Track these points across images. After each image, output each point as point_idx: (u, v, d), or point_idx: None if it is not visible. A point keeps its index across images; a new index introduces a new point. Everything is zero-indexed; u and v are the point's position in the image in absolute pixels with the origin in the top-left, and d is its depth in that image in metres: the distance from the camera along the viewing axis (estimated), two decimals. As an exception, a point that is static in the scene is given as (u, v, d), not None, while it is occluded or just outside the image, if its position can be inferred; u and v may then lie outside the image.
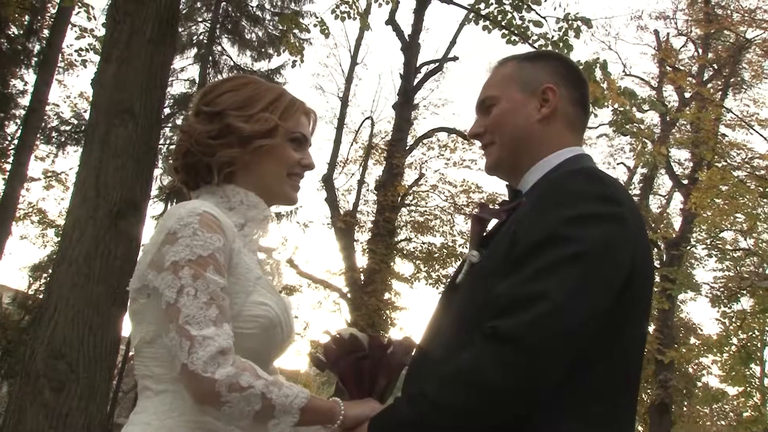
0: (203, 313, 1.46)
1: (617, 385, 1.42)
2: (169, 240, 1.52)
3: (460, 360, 1.34)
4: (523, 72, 1.70)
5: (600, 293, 1.34)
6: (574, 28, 7.82)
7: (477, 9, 8.11)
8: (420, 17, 17.64)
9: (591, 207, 1.39)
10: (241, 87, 1.78)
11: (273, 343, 1.66)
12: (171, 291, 1.48)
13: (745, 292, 14.20)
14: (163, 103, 5.62)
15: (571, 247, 1.33)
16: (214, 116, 1.73)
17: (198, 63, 20.28)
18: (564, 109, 1.66)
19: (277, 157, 1.75)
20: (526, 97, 1.66)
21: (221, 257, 1.54)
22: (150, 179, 5.26)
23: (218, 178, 1.72)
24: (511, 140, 1.66)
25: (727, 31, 17.31)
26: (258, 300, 1.61)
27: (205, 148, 1.70)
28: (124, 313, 4.80)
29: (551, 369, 1.30)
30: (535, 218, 1.41)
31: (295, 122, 1.79)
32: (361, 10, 9.19)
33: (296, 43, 9.89)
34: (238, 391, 1.42)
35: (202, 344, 1.43)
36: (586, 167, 1.55)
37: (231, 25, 20.53)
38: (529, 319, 1.28)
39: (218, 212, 1.61)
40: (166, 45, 5.19)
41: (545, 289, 1.30)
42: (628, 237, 1.41)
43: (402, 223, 18.59)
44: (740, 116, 15.46)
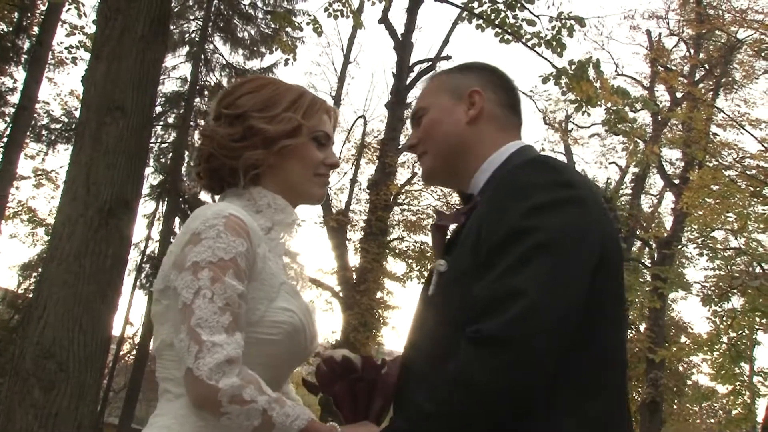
0: (216, 319, 1.44)
1: (606, 376, 1.40)
2: (193, 240, 1.50)
3: (448, 368, 1.32)
4: (451, 81, 1.74)
5: (575, 279, 1.32)
6: (567, 27, 7.83)
7: (470, 7, 8.11)
8: (413, 16, 17.63)
9: (548, 195, 1.37)
10: (261, 88, 1.76)
11: (295, 350, 1.63)
12: (188, 292, 1.46)
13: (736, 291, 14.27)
14: (154, 101, 5.58)
15: (535, 237, 1.32)
16: (236, 119, 1.71)
17: (190, 61, 20.24)
18: (492, 111, 1.68)
19: (301, 157, 1.73)
20: (454, 103, 1.69)
21: (243, 262, 1.51)
22: (141, 177, 5.23)
23: (244, 180, 1.69)
24: (442, 146, 1.68)
25: (718, 31, 17.37)
26: (282, 306, 1.58)
27: (229, 151, 1.68)
28: (115, 312, 4.78)
29: (541, 364, 1.28)
30: (495, 216, 1.40)
31: (318, 121, 1.77)
32: (354, 9, 9.17)
33: (289, 41, 9.88)
34: (239, 404, 1.40)
35: (210, 350, 1.40)
36: (536, 157, 1.55)
37: (223, 24, 20.48)
38: (509, 317, 1.26)
39: (245, 215, 1.59)
40: (157, 42, 5.15)
41: (520, 285, 1.28)
42: (591, 219, 1.40)
43: (394, 222, 18.61)
44: (731, 116, 15.54)
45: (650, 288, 17.34)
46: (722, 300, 14.99)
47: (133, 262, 18.55)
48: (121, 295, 4.88)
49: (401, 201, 18.82)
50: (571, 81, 7.98)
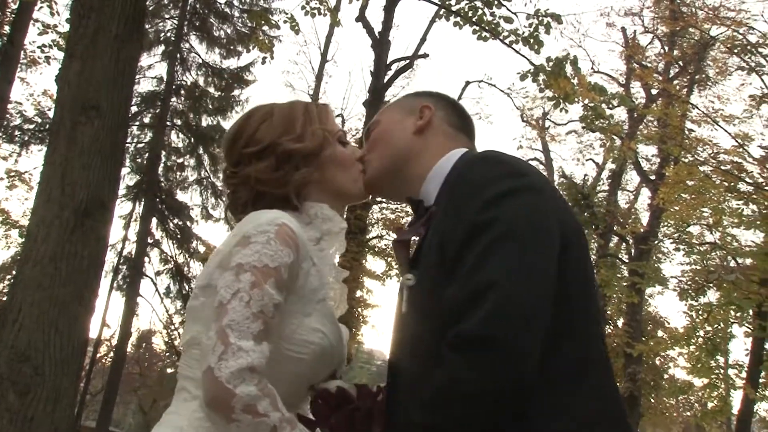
0: (248, 324, 1.42)
1: (588, 368, 1.37)
2: (242, 243, 1.50)
3: (435, 379, 1.29)
4: (406, 100, 1.80)
5: (542, 263, 1.31)
6: (544, 24, 7.86)
7: (448, 5, 8.11)
8: (390, 14, 17.61)
9: (501, 186, 1.36)
10: (270, 114, 1.77)
11: (320, 372, 1.61)
12: (227, 291, 1.45)
13: (712, 285, 14.44)
14: (130, 100, 5.51)
15: (496, 228, 1.30)
16: (264, 151, 1.71)
17: (166, 60, 20.10)
18: (440, 126, 1.71)
19: (340, 161, 1.75)
20: (404, 116, 1.73)
21: (286, 273, 1.50)
22: (118, 178, 5.16)
23: (298, 202, 1.70)
24: (387, 153, 1.71)
25: (692, 28, 17.55)
26: (314, 326, 1.57)
27: (275, 183, 1.68)
28: (92, 314, 4.72)
29: (527, 355, 1.24)
30: (453, 217, 1.39)
31: (333, 124, 1.80)
32: (331, 7, 9.14)
33: (266, 40, 9.81)
34: (251, 414, 1.37)
35: (235, 354, 1.38)
36: (482, 153, 1.54)
37: (199, 23, 20.36)
38: (484, 312, 1.23)
39: (297, 227, 1.58)
40: (133, 41, 5.09)
41: (489, 278, 1.26)
42: (548, 205, 1.39)
43: (373, 221, 18.59)
44: (706, 112, 15.71)
45: (627, 283, 17.49)
46: (698, 294, 15.19)
47: (109, 264, 18.36)
48: (97, 297, 4.82)
49: (380, 199, 18.79)
50: (549, 78, 8.02)
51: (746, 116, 15.30)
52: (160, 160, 19.80)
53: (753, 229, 12.86)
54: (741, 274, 12.39)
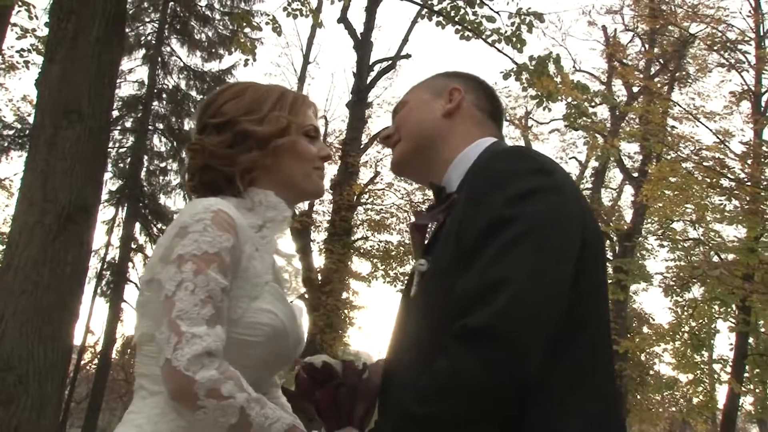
0: (197, 311, 1.41)
1: (598, 368, 1.38)
2: (180, 234, 1.50)
3: (436, 368, 1.28)
4: (435, 81, 1.77)
5: (559, 267, 1.30)
6: (527, 23, 7.87)
7: (430, 5, 8.11)
8: (372, 15, 17.61)
9: (526, 183, 1.36)
10: (243, 92, 1.76)
11: (278, 353, 1.61)
12: (171, 284, 1.45)
13: (696, 280, 14.54)
14: (112, 103, 5.45)
15: (517, 226, 1.30)
16: (224, 126, 1.70)
17: (147, 64, 19.94)
18: (469, 110, 1.69)
19: (297, 153, 1.73)
20: (433, 98, 1.71)
21: (228, 257, 1.50)
22: (100, 182, 5.11)
23: (241, 185, 1.68)
24: (415, 135, 1.68)
25: (671, 26, 17.69)
26: (263, 307, 1.56)
27: (223, 159, 1.68)
28: (76, 320, 4.66)
29: (530, 354, 1.24)
30: (474, 209, 1.38)
31: (304, 116, 1.78)
32: (313, 8, 9.10)
33: (247, 42, 9.76)
34: (216, 399, 1.36)
35: (189, 341, 1.38)
36: (510, 146, 1.55)
37: (180, 26, 20.23)
38: (496, 307, 1.23)
39: (235, 212, 1.58)
40: (113, 44, 5.04)
41: (504, 274, 1.25)
42: (571, 205, 1.39)
43: (358, 222, 18.57)
44: (687, 109, 15.84)
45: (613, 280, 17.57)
46: (683, 290, 15.29)
47: (92, 270, 18.18)
48: (81, 304, 4.76)
49: (365, 201, 18.78)
50: (532, 77, 8.04)
51: (726, 113, 15.48)
52: (143, 165, 19.65)
53: (735, 224, 12.97)
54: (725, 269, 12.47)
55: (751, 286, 12.06)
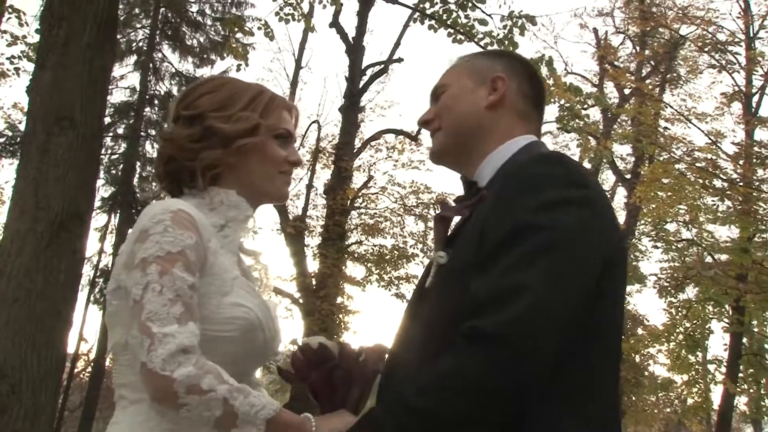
0: (167, 310, 1.40)
1: (607, 379, 1.38)
2: (141, 238, 1.48)
3: (440, 363, 1.27)
4: (477, 64, 1.70)
5: (580, 282, 1.29)
6: (519, 26, 7.88)
7: (422, 8, 8.11)
8: (364, 19, 17.61)
9: (558, 192, 1.33)
10: (219, 87, 1.73)
11: (254, 348, 1.58)
12: (137, 288, 1.43)
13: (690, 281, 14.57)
14: (104, 110, 5.42)
15: (543, 235, 1.28)
16: (194, 119, 1.68)
17: (138, 70, 19.88)
18: (514, 101, 1.64)
19: (263, 155, 1.70)
20: (476, 85, 1.65)
21: (192, 255, 1.48)
22: (93, 189, 5.08)
23: (202, 181, 1.66)
24: (456, 125, 1.64)
25: (661, 28, 17.76)
26: (236, 301, 1.54)
27: (187, 152, 1.66)
28: (70, 328, 4.63)
29: (538, 365, 1.23)
30: (502, 210, 1.36)
31: (277, 119, 1.74)
32: (305, 12, 9.09)
33: (239, 47, 9.74)
34: (197, 394, 1.35)
35: (162, 341, 1.36)
36: (548, 152, 1.51)
37: (171, 32, 20.18)
38: (510, 315, 1.22)
39: (194, 211, 1.56)
40: (105, 50, 5.01)
41: (524, 282, 1.24)
42: (599, 220, 1.37)
43: (352, 226, 18.53)
44: (679, 111, 15.89)
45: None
46: (678, 291, 15.31)
47: (86, 277, 18.09)
48: (75, 311, 4.73)
49: (358, 205, 18.76)
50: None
51: (718, 114, 15.55)
52: (135, 171, 19.57)
53: (728, 224, 13.02)
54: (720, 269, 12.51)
55: (745, 287, 12.10)
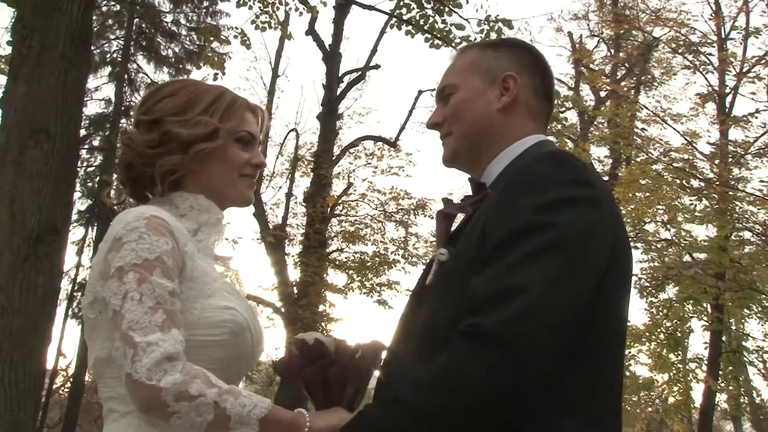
0: (148, 318, 1.37)
1: (607, 379, 1.36)
2: (115, 247, 1.45)
3: (437, 362, 1.25)
4: (485, 59, 1.64)
5: (581, 282, 1.27)
6: (496, 30, 7.90)
7: (399, 14, 8.11)
8: (340, 26, 17.61)
9: (563, 191, 1.32)
10: (179, 91, 1.69)
11: (243, 351, 1.56)
12: (116, 298, 1.40)
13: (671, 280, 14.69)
14: (80, 122, 5.35)
15: (546, 234, 1.26)
16: (153, 124, 1.65)
17: (113, 82, 19.74)
18: (526, 99, 1.60)
19: (223, 159, 1.67)
20: (486, 85, 1.60)
21: (170, 260, 1.45)
22: (70, 202, 5.00)
23: (162, 187, 1.63)
24: (469, 130, 1.60)
25: (635, 30, 17.93)
26: (222, 304, 1.52)
27: (145, 158, 1.62)
28: (49, 344, 4.54)
29: (537, 365, 1.22)
30: (505, 208, 1.34)
31: (239, 121, 1.70)
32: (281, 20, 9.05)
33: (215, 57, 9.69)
34: (186, 400, 1.32)
35: (146, 351, 1.33)
36: (554, 151, 1.49)
37: (146, 42, 20.06)
38: (509, 314, 1.20)
39: (168, 216, 1.53)
40: (80, 60, 4.94)
41: (524, 282, 1.22)
42: (604, 220, 1.35)
43: (333, 234, 18.48)
44: (654, 112, 16.03)
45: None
46: (658, 291, 15.42)
47: (63, 291, 17.87)
48: (54, 326, 4.65)
49: (338, 212, 18.70)
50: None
51: (693, 114, 15.67)
52: (112, 184, 19.40)
53: (706, 224, 13.14)
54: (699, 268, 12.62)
55: (724, 285, 12.22)
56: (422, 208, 18.29)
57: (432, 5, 7.83)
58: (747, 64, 13.70)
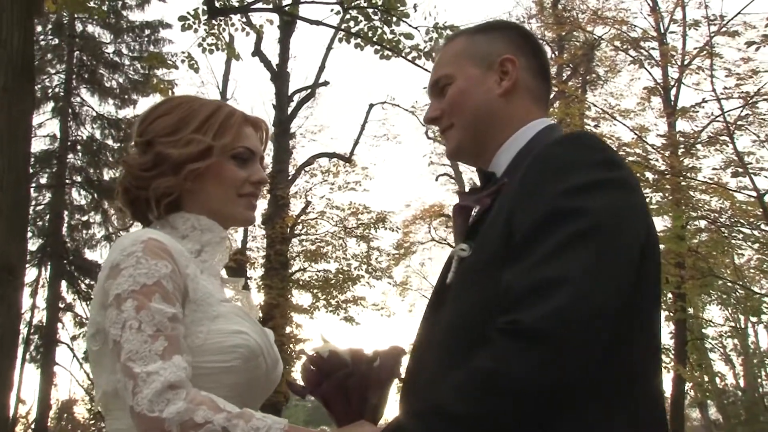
0: (148, 348, 1.30)
1: (647, 374, 1.29)
2: (113, 274, 1.38)
3: (474, 364, 1.16)
4: (478, 45, 1.57)
5: (623, 268, 1.20)
6: (444, 37, 7.92)
7: (347, 28, 8.08)
8: (286, 45, 17.54)
9: (593, 174, 1.25)
10: (173, 109, 1.62)
11: (256, 377, 1.48)
12: (115, 328, 1.33)
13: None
14: (29, 157, 5.18)
15: (580, 220, 1.19)
16: (147, 146, 1.59)
17: (57, 117, 19.35)
18: (525, 81, 1.54)
19: (219, 178, 1.59)
20: (483, 72, 1.53)
21: (170, 284, 1.38)
22: (24, 240, 4.84)
23: (158, 210, 1.57)
24: (472, 120, 1.53)
25: (576, 31, 18.27)
26: (232, 328, 1.44)
27: (139, 181, 1.57)
28: (10, 389, 4.38)
29: (586, 360, 1.14)
30: (531, 195, 1.26)
31: (235, 137, 1.62)
32: (227, 42, 8.95)
33: (161, 84, 9.55)
34: (192, 429, 1.25)
35: (146, 381, 1.27)
36: (577, 133, 1.43)
37: (88, 74, 19.78)
38: (552, 307, 1.12)
39: (167, 238, 1.46)
40: (24, 93, 4.80)
41: (564, 272, 1.15)
42: (636, 202, 1.29)
43: (294, 254, 18.32)
44: (603, 109, 16.30)
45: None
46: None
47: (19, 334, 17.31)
48: (15, 371, 4.46)
49: (298, 232, 18.55)
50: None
51: (640, 109, 15.97)
52: (63, 221, 18.97)
53: (662, 215, 13.36)
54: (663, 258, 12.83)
55: (685, 273, 12.42)
56: (382, 221, 18.26)
57: (380, 16, 7.82)
58: (688, 57, 14.01)
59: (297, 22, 14.61)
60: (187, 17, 7.77)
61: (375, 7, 7.71)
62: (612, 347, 1.17)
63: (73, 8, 7.30)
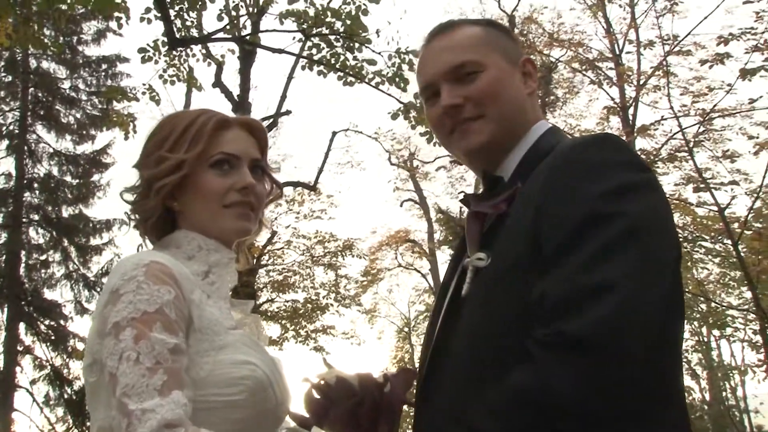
0: (145, 382, 1.20)
1: (677, 383, 1.23)
2: (112, 300, 1.28)
3: (512, 381, 1.09)
4: (498, 39, 1.52)
5: (665, 271, 1.15)
6: (407, 62, 7.95)
7: (309, 55, 8.06)
8: (246, 76, 17.43)
9: (624, 176, 1.21)
10: (158, 131, 1.55)
11: (264, 410, 1.37)
12: (113, 359, 1.23)
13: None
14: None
15: (618, 224, 1.15)
16: (139, 173, 1.54)
17: (12, 154, 18.92)
18: (536, 84, 1.55)
19: (200, 192, 1.49)
20: (511, 67, 1.49)
21: (173, 312, 1.28)
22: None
23: (148, 234, 1.52)
24: (507, 113, 1.46)
25: (533, 55, 18.58)
26: (239, 358, 1.33)
27: (131, 207, 1.52)
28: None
29: (638, 369, 1.07)
30: (560, 200, 1.21)
31: (211, 144, 1.51)
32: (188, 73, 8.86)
33: (119, 118, 9.41)
34: None
35: (141, 420, 1.16)
36: (604, 135, 1.36)
37: (44, 111, 19.45)
38: (599, 314, 1.06)
39: (171, 261, 1.35)
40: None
41: (607, 278, 1.09)
42: (667, 204, 1.27)
43: (261, 285, 18.12)
44: (564, 130, 16.52)
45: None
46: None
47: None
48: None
49: (265, 262, 18.36)
50: (419, 114, 8.10)
51: (600, 129, 16.22)
52: (21, 260, 18.47)
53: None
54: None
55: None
56: (349, 248, 18.19)
57: (342, 43, 7.81)
58: (644, 76, 14.29)
59: (257, 51, 14.58)
60: (147, 49, 7.69)
61: (337, 33, 7.70)
62: (659, 355, 1.12)
63: (27, 44, 7.14)
